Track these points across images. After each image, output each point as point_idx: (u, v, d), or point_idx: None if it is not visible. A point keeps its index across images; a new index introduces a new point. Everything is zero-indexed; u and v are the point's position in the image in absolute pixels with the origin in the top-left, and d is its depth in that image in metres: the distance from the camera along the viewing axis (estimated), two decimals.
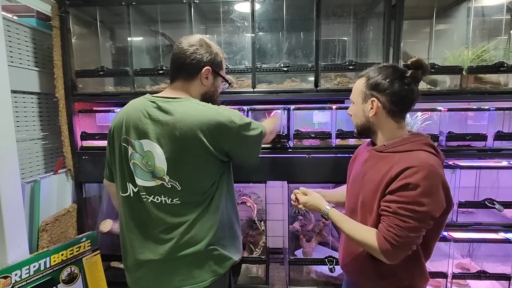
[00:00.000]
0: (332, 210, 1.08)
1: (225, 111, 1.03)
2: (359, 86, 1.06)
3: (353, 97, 1.09)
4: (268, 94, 1.66)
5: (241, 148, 1.08)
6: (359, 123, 1.09)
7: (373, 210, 0.99)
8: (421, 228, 0.91)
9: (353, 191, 1.12)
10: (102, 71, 1.69)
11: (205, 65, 1.07)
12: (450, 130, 1.67)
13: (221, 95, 1.67)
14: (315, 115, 1.69)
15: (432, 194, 0.89)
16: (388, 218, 0.93)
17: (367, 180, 1.04)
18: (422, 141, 1.00)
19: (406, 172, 0.91)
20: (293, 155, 1.70)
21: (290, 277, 1.80)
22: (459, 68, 1.61)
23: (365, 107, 1.04)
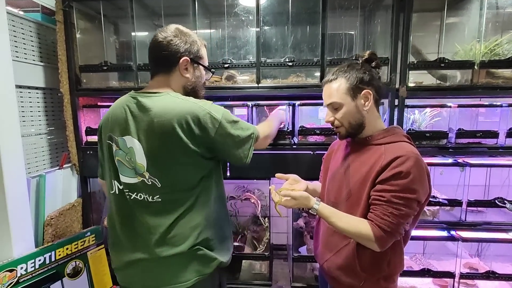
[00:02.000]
0: (322, 205, 1.07)
1: (206, 105, 0.99)
2: (340, 87, 1.05)
3: (339, 98, 1.05)
4: (273, 90, 1.63)
5: (224, 146, 1.02)
6: (352, 122, 1.06)
7: (362, 200, 1.01)
8: (411, 214, 0.96)
9: (334, 185, 1.13)
10: (105, 66, 1.69)
11: (182, 56, 1.03)
12: (460, 127, 1.62)
13: (225, 90, 1.68)
14: (320, 111, 1.66)
15: (421, 181, 0.94)
16: (381, 207, 0.96)
17: (352, 172, 1.06)
18: (401, 133, 1.06)
19: (397, 161, 0.94)
20: (298, 152, 1.68)
21: (294, 274, 1.79)
22: (470, 62, 1.56)
23: (358, 102, 1.05)
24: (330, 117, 1.10)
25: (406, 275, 1.75)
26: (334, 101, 1.06)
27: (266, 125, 1.34)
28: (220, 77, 1.69)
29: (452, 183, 1.75)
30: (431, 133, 1.64)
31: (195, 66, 1.07)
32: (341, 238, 1.07)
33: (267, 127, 1.32)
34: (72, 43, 1.70)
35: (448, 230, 1.71)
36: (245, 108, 1.67)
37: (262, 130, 1.21)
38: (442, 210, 1.76)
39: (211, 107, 1.00)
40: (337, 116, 1.07)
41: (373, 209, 0.98)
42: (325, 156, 1.29)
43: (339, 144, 1.22)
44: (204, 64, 1.11)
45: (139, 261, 1.01)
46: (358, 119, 1.05)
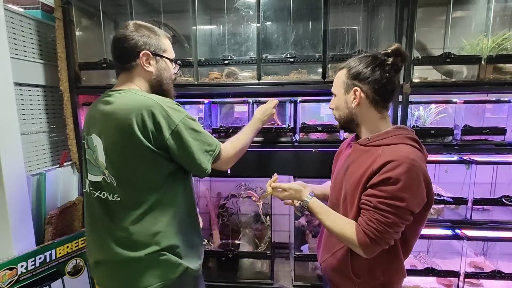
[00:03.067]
0: (313, 200, 1.05)
1: (166, 103, 0.95)
2: (340, 77, 1.03)
3: (335, 89, 1.05)
4: (274, 86, 1.61)
5: (180, 151, 0.96)
6: (342, 115, 1.04)
7: (354, 203, 0.97)
8: (400, 223, 0.90)
9: (336, 186, 1.10)
10: (105, 63, 1.67)
11: (141, 50, 1.00)
12: (466, 123, 1.58)
13: (225, 87, 1.66)
14: (322, 107, 1.63)
15: (412, 189, 0.87)
16: (368, 212, 0.92)
17: (349, 174, 1.02)
18: (405, 134, 0.97)
19: (388, 166, 0.89)
20: (300, 149, 1.66)
21: (296, 273, 1.77)
22: (477, 57, 1.51)
23: (348, 98, 1.01)
24: (330, 104, 1.10)
25: (409, 274, 1.73)
26: (332, 90, 1.06)
27: (236, 140, 1.20)
28: (221, 74, 1.67)
29: (458, 181, 1.71)
30: (436, 130, 1.60)
31: (157, 59, 1.04)
32: (337, 240, 1.03)
33: (236, 141, 1.19)
34: (72, 40, 1.68)
35: (453, 228, 1.68)
36: (246, 105, 1.65)
37: (231, 147, 1.14)
38: (447, 208, 1.73)
39: (172, 107, 0.96)
40: (333, 105, 1.08)
41: (362, 213, 0.95)
42: (335, 155, 1.26)
43: (347, 143, 1.19)
44: (167, 56, 1.07)
45: (103, 262, 1.00)
46: (346, 115, 1.03)
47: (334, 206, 1.07)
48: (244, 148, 1.20)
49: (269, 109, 1.38)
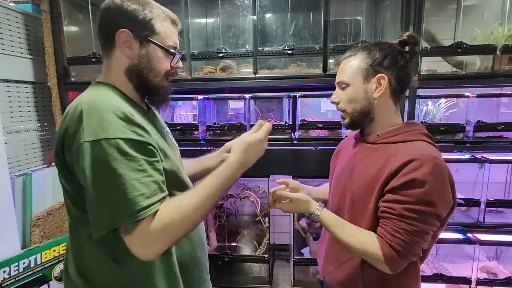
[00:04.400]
0: (325, 212, 0.92)
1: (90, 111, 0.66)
2: (356, 63, 0.89)
3: (348, 77, 0.90)
4: (271, 81, 1.51)
5: (82, 177, 0.67)
6: (358, 108, 0.90)
7: (367, 210, 0.86)
8: (429, 231, 0.80)
9: (338, 189, 0.98)
10: (94, 58, 1.60)
11: (119, 27, 0.75)
12: (479, 119, 1.47)
13: (219, 82, 1.56)
14: (323, 103, 1.53)
15: (439, 191, 0.78)
16: (392, 222, 0.80)
17: (357, 175, 0.91)
18: (418, 130, 0.88)
19: (409, 166, 0.78)
20: (299, 148, 1.56)
21: (295, 278, 1.68)
22: (491, 47, 1.39)
23: (369, 87, 0.88)
24: (336, 97, 0.94)
25: None
26: (342, 79, 0.91)
27: (187, 202, 0.72)
28: (215, 68, 1.58)
29: (469, 181, 1.60)
30: (446, 127, 1.48)
31: (144, 43, 0.77)
32: (344, 250, 0.92)
33: (186, 205, 0.71)
34: (59, 34, 1.61)
35: (464, 232, 1.56)
36: (242, 101, 1.55)
37: (176, 208, 0.69)
38: (457, 210, 1.62)
39: (93, 119, 0.66)
40: (342, 98, 0.92)
41: (383, 223, 0.83)
42: (333, 155, 1.15)
43: (348, 142, 1.08)
44: (159, 43, 0.78)
45: None
46: (364, 107, 0.89)
47: (337, 211, 0.96)
48: (196, 218, 0.73)
49: (259, 144, 0.83)
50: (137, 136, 0.69)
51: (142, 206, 0.65)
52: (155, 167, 0.71)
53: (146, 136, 0.71)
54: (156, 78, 0.80)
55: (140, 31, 0.76)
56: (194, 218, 0.72)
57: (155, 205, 0.67)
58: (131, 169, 0.66)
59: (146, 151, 0.70)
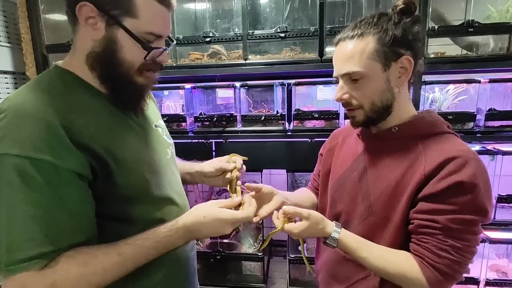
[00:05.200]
0: (344, 232, 0.74)
1: (9, 115, 0.54)
2: (367, 48, 0.68)
3: (362, 66, 0.69)
4: (263, 67, 1.39)
5: None
6: (378, 103, 0.71)
7: (391, 221, 0.71)
8: (478, 242, 0.66)
9: (344, 196, 0.82)
10: None
11: (81, 1, 0.58)
12: (491, 106, 1.33)
13: (207, 69, 1.43)
14: (319, 90, 1.41)
15: (489, 194, 0.65)
16: (436, 238, 0.65)
17: (373, 179, 0.75)
18: (440, 119, 0.74)
19: (449, 166, 0.64)
20: (293, 139, 1.45)
21: (291, 277, 1.59)
22: (507, 25, 1.24)
23: (391, 74, 0.70)
24: (344, 94, 0.73)
25: None
26: (354, 70, 0.69)
27: (97, 262, 0.57)
28: (202, 55, 1.46)
29: None
30: (454, 115, 1.35)
31: (113, 26, 0.60)
32: (355, 268, 0.77)
33: (102, 256, 0.58)
34: (37, 19, 1.50)
35: None
36: (231, 89, 1.44)
37: (79, 264, 0.55)
38: None
39: (8, 125, 0.53)
40: (355, 93, 0.72)
41: (422, 240, 0.67)
42: (323, 150, 0.96)
43: (346, 134, 0.91)
44: (132, 29, 0.60)
45: None
46: (387, 100, 0.72)
47: (345, 224, 0.80)
48: (100, 283, 0.58)
49: (225, 225, 0.66)
50: (58, 159, 0.53)
51: (26, 256, 0.51)
52: (71, 204, 0.55)
53: (74, 162, 0.55)
54: (126, 72, 0.64)
55: (109, 8, 0.59)
56: (97, 283, 0.57)
57: (46, 257, 0.52)
58: (30, 202, 0.51)
59: (65, 181, 0.54)
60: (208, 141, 1.48)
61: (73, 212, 0.55)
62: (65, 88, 0.61)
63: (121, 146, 0.64)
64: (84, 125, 0.59)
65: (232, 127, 1.47)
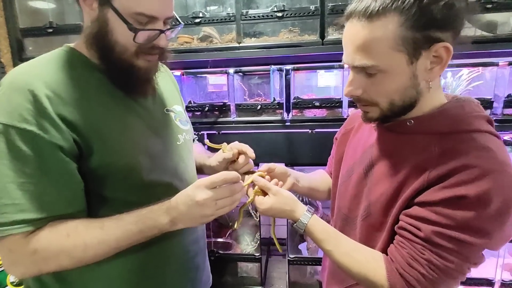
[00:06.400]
0: (313, 220, 0.66)
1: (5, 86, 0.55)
2: (387, 33, 0.52)
3: (380, 59, 0.54)
4: (258, 51, 1.27)
5: None
6: (398, 101, 0.58)
7: (386, 224, 0.61)
8: (467, 269, 0.55)
9: (348, 191, 0.72)
10: (51, 28, 1.36)
11: None
12: (511, 92, 1.21)
13: (197, 53, 1.30)
14: (320, 76, 1.29)
15: (503, 218, 0.51)
16: (413, 245, 0.56)
17: (377, 177, 0.64)
18: (477, 112, 0.58)
19: (461, 174, 0.52)
20: (292, 130, 1.33)
21: (290, 279, 1.48)
22: None
23: (419, 67, 0.55)
24: (356, 89, 0.59)
25: None
26: (369, 65, 0.55)
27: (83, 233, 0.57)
28: (192, 38, 1.34)
29: None
30: None
31: (104, 6, 0.57)
32: None
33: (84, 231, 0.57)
34: (11, 1, 1.37)
35: None
36: (224, 76, 1.32)
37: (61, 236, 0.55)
38: None
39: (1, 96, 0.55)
40: (369, 89, 0.59)
41: (400, 244, 0.58)
42: (339, 135, 0.86)
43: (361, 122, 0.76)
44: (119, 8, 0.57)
45: None
46: (409, 98, 0.58)
47: (346, 220, 0.73)
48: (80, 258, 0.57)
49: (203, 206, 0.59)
50: (40, 130, 0.54)
51: (8, 220, 0.53)
52: (53, 175, 0.55)
53: (56, 134, 0.55)
54: (121, 55, 0.61)
55: None
56: (78, 258, 0.57)
57: (30, 224, 0.54)
58: (14, 169, 0.53)
59: (47, 152, 0.55)
60: (199, 133, 1.36)
61: (58, 183, 0.56)
62: (66, 64, 0.61)
63: (114, 125, 0.62)
64: (75, 100, 0.58)
65: (226, 118, 1.35)
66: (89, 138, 0.58)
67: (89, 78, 0.62)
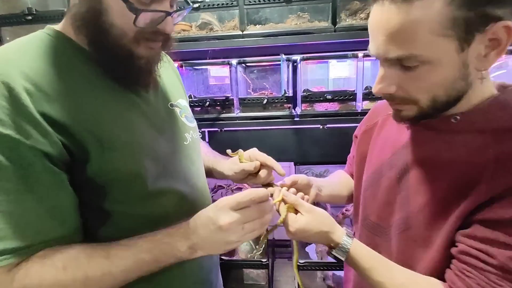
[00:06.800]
0: (357, 244, 0.57)
1: None
2: (434, 12, 0.42)
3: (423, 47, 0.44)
4: (264, 39, 1.15)
5: None
6: (442, 97, 0.48)
7: (434, 243, 0.52)
8: None
9: (376, 196, 0.62)
10: (30, 15, 1.22)
11: None
12: None
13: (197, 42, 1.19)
14: (332, 67, 1.18)
15: None
16: (485, 276, 0.46)
17: (416, 184, 0.55)
18: None
19: None
20: (302, 126, 1.23)
21: (299, 285, 1.39)
22: None
23: (471, 53, 0.44)
24: (389, 86, 0.50)
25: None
26: (408, 54, 0.45)
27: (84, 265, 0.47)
28: (190, 25, 1.21)
29: None
30: None
31: None
32: None
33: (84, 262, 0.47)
34: None
35: None
36: (226, 67, 1.19)
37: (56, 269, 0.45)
38: None
39: None
40: (407, 85, 0.49)
41: (464, 272, 0.48)
42: (359, 132, 0.76)
43: (388, 113, 0.68)
44: None
45: None
46: (457, 92, 0.48)
47: (374, 230, 0.62)
48: None
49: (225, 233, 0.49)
50: (19, 133, 0.42)
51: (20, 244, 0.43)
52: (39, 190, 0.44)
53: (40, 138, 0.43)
54: (118, 41, 0.49)
55: None
56: None
57: (12, 255, 0.43)
58: None
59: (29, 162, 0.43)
60: (200, 131, 1.24)
61: (45, 200, 0.45)
62: (50, 50, 0.49)
63: (113, 123, 0.51)
64: (62, 94, 0.47)
65: (229, 113, 1.23)
66: (83, 141, 0.47)
67: (80, 68, 0.51)
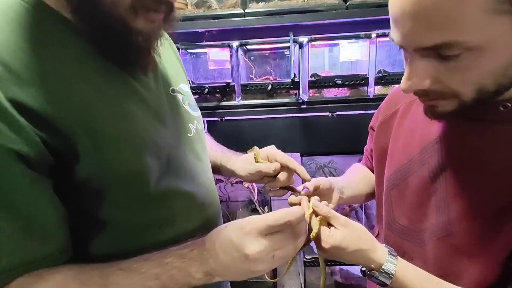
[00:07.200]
0: (403, 264, 0.47)
1: None
2: None
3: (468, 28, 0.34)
4: (267, 18, 1.05)
5: None
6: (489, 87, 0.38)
7: (484, 252, 0.45)
8: None
9: (404, 196, 0.55)
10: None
11: None
12: None
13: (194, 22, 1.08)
14: (342, 48, 1.08)
15: None
16: None
17: (457, 185, 0.47)
18: None
19: None
20: (309, 114, 1.14)
21: (306, 281, 1.33)
22: None
23: None
24: (423, 81, 0.40)
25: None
26: (452, 40, 0.35)
27: None
28: (185, 3, 1.10)
29: None
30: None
31: None
32: None
33: None
34: None
35: None
36: (226, 50, 1.09)
37: None
38: None
39: None
40: (447, 77, 0.39)
41: None
42: (375, 124, 0.67)
43: (411, 99, 0.59)
44: None
45: None
46: (509, 79, 0.39)
47: (404, 234, 0.55)
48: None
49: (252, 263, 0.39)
50: None
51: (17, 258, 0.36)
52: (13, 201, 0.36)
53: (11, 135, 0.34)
54: (113, 10, 0.38)
55: None
56: None
57: None
58: None
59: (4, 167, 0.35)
60: None
61: (20, 213, 0.36)
62: (24, 21, 0.38)
63: (107, 113, 0.41)
64: (40, 77, 0.37)
65: (229, 101, 1.13)
66: (70, 136, 0.38)
67: (63, 44, 0.40)
